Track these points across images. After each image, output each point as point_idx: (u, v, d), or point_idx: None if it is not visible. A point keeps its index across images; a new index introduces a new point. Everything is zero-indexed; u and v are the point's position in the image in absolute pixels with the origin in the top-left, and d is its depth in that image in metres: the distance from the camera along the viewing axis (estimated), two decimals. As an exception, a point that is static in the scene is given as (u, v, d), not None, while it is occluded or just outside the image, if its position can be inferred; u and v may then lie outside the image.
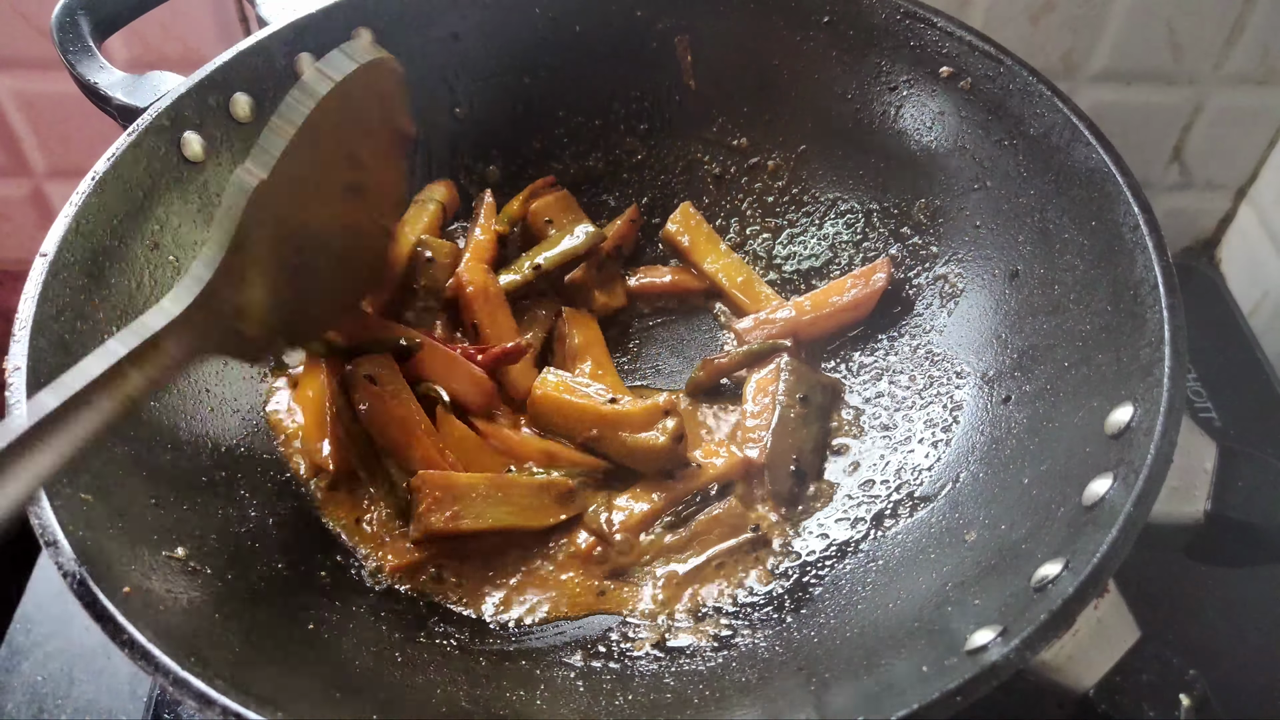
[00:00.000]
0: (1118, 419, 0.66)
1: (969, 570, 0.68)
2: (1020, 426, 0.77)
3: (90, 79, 0.82)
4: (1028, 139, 0.82)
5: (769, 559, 0.80)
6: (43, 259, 0.71)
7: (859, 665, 0.65)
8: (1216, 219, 1.25)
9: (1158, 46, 1.07)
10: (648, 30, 0.98)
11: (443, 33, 0.95)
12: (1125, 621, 0.63)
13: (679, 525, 0.81)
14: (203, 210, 0.83)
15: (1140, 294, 0.69)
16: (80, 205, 0.74)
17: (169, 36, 1.11)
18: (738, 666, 0.71)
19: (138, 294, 0.77)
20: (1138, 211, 0.72)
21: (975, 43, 0.85)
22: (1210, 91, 1.11)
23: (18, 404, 0.64)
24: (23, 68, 1.13)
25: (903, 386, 0.89)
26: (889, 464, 0.84)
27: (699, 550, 0.80)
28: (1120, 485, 0.62)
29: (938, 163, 0.90)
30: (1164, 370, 0.64)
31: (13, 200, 1.26)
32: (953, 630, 0.62)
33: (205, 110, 0.83)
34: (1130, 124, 1.14)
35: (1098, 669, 0.61)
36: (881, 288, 0.91)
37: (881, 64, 0.91)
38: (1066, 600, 0.57)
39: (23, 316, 0.68)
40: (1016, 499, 0.72)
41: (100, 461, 0.67)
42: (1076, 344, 0.75)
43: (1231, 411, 1.07)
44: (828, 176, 0.98)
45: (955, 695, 0.55)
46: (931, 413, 0.85)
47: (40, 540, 0.60)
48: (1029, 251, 0.82)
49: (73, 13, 0.83)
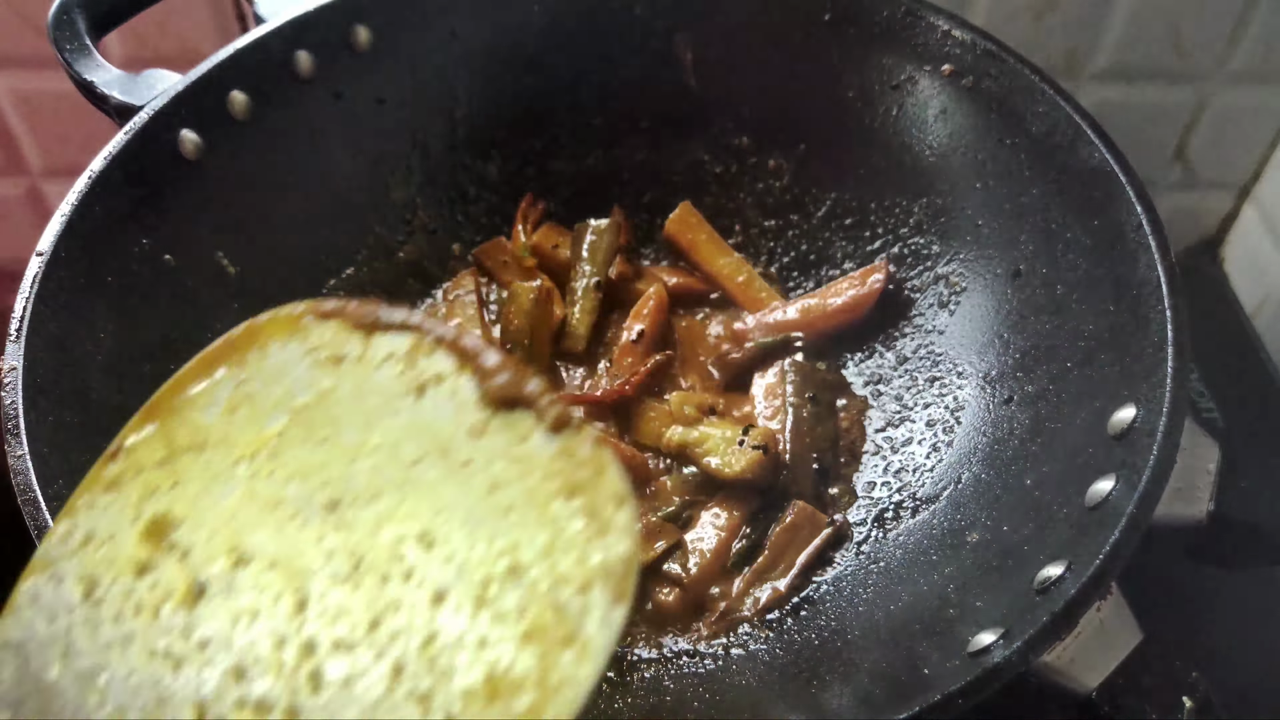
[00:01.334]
0: (1120, 420, 0.66)
1: (971, 572, 0.68)
2: (1022, 427, 0.76)
3: (87, 77, 0.82)
4: (1030, 137, 0.81)
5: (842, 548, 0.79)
6: (39, 258, 0.71)
7: (860, 668, 0.65)
8: (1220, 218, 1.24)
9: (1161, 45, 1.07)
10: (648, 29, 0.98)
11: (441, 31, 0.95)
12: (1128, 623, 0.62)
13: (757, 547, 0.79)
14: (200, 209, 0.83)
15: (1143, 294, 0.69)
16: (76, 204, 0.74)
17: (166, 34, 1.10)
18: (738, 669, 0.71)
19: (134, 293, 0.77)
20: (1140, 211, 0.71)
21: (977, 41, 0.84)
22: (1214, 90, 1.11)
23: (14, 404, 0.64)
24: (19, 66, 1.13)
25: (904, 387, 0.88)
26: (890, 465, 0.84)
27: (790, 562, 0.78)
28: (1123, 486, 0.62)
29: (939, 161, 0.90)
30: (1167, 371, 0.64)
31: (9, 199, 1.26)
32: (955, 632, 0.62)
33: (202, 108, 0.83)
34: (1133, 122, 1.13)
35: (1100, 671, 0.61)
36: (879, 289, 0.90)
37: (883, 62, 0.91)
38: (1069, 602, 0.56)
39: (19, 316, 0.68)
40: (1019, 500, 0.71)
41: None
42: (1079, 344, 0.74)
43: (1235, 412, 1.07)
44: (828, 176, 0.98)
45: (957, 697, 0.54)
46: (933, 413, 0.85)
47: (37, 540, 0.59)
48: (1031, 251, 0.82)
49: (69, 10, 0.83)
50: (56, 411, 0.67)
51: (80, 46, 0.83)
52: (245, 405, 0.35)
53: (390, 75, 0.93)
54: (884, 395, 0.89)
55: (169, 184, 0.81)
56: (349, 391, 0.34)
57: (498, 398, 0.33)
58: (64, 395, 0.68)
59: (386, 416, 0.34)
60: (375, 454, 0.33)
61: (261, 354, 0.36)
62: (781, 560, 0.78)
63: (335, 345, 0.36)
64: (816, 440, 0.84)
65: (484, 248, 0.99)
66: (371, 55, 0.92)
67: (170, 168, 0.81)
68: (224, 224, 0.85)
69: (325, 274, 0.93)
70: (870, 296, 0.91)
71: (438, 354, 0.35)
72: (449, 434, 0.33)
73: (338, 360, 0.35)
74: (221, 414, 0.35)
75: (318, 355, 0.35)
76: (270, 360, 0.36)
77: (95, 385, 0.71)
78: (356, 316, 0.36)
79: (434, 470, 0.32)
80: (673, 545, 0.78)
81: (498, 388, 0.33)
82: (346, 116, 0.92)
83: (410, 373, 0.34)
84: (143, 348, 0.76)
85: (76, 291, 0.72)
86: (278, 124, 0.87)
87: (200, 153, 0.83)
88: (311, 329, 0.36)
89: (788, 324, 0.92)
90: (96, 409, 0.70)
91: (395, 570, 0.30)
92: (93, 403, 0.70)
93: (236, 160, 0.85)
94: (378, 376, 0.35)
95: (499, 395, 0.33)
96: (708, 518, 0.81)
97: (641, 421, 0.86)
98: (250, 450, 0.34)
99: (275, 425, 0.34)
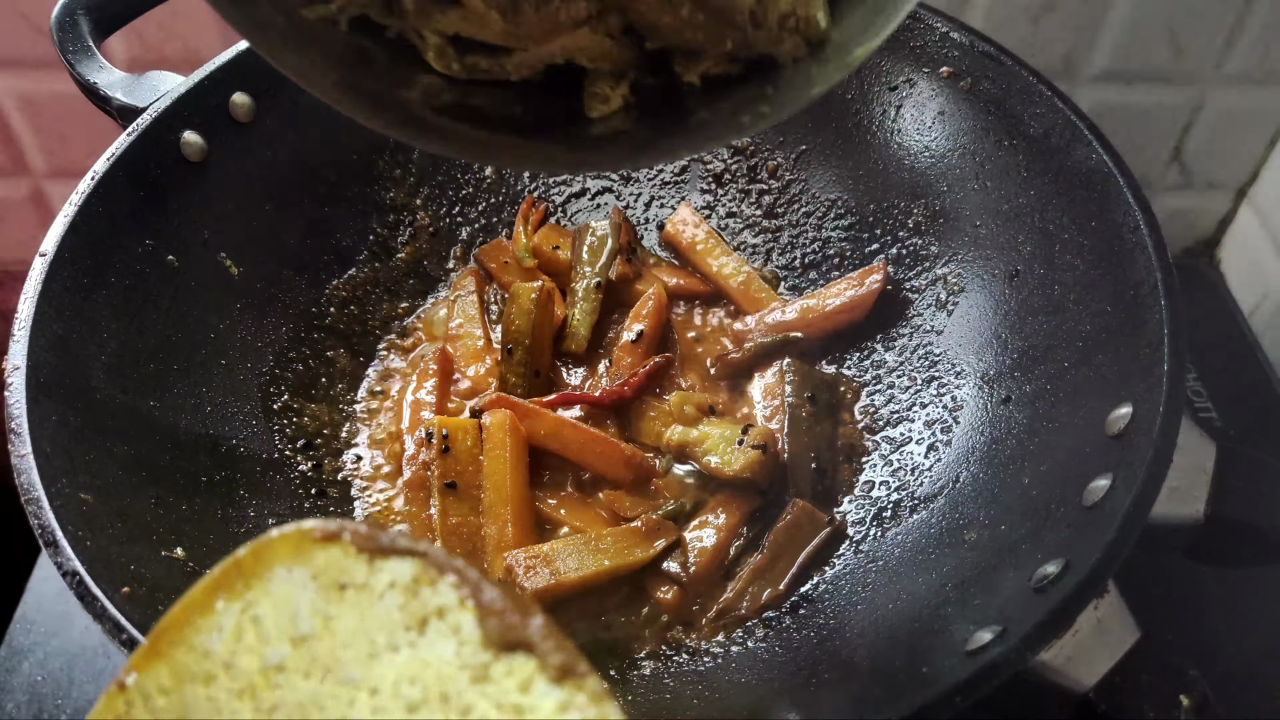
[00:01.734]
0: (1117, 419, 0.66)
1: (969, 570, 0.68)
2: (1020, 427, 0.77)
3: (90, 79, 0.82)
4: (1028, 139, 0.82)
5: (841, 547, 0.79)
6: (42, 259, 0.71)
7: (859, 666, 0.65)
8: (1217, 219, 1.25)
9: (1158, 46, 1.07)
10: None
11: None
12: (1125, 622, 0.63)
13: (756, 546, 0.79)
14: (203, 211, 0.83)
15: (1140, 294, 0.69)
16: (80, 205, 0.74)
17: (169, 36, 1.11)
18: (737, 667, 0.71)
19: (137, 294, 0.77)
20: (1138, 212, 0.72)
21: (975, 43, 0.85)
22: (1211, 91, 1.11)
23: (17, 403, 0.64)
24: (22, 67, 1.13)
25: (902, 388, 0.88)
26: (888, 464, 0.84)
27: (789, 561, 0.78)
28: (1120, 485, 0.62)
29: (937, 163, 0.90)
30: (1163, 370, 0.64)
31: (12, 200, 1.26)
32: (952, 630, 0.62)
33: (205, 110, 0.83)
34: (1130, 124, 1.13)
35: (1098, 669, 0.61)
36: (878, 289, 0.90)
37: (881, 63, 0.91)
38: (1066, 600, 0.57)
39: (22, 316, 0.68)
40: (1016, 499, 0.71)
41: (100, 461, 0.67)
42: (1076, 344, 0.75)
43: (1231, 412, 1.07)
44: (828, 176, 0.98)
45: (955, 695, 0.55)
46: (931, 413, 0.85)
47: (40, 540, 0.60)
48: (1029, 252, 0.82)
49: (72, 12, 0.83)
50: (59, 411, 0.67)
51: (83, 48, 0.83)
52: (251, 630, 0.35)
53: (391, 77, 0.93)
54: (882, 395, 0.89)
55: (172, 185, 0.81)
56: (352, 623, 0.34)
57: (499, 639, 0.32)
58: (67, 395, 0.68)
59: (387, 652, 0.33)
60: (376, 696, 0.33)
61: (267, 579, 0.36)
62: (780, 559, 0.78)
63: (339, 571, 0.35)
64: (815, 440, 0.85)
65: (485, 249, 1.00)
66: (373, 57, 0.92)
67: (173, 169, 0.81)
68: (226, 225, 0.85)
69: (327, 275, 0.93)
70: (869, 297, 0.91)
71: (441, 584, 0.34)
72: (450, 676, 0.32)
73: (341, 588, 0.35)
74: (227, 639, 0.35)
75: (322, 581, 0.35)
76: (275, 585, 0.35)
77: (98, 385, 0.71)
78: (361, 540, 0.35)
79: (435, 715, 0.32)
80: (672, 544, 0.78)
81: (498, 628, 0.32)
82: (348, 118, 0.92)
83: (413, 604, 0.33)
84: (145, 348, 0.76)
85: (79, 292, 0.72)
86: (280, 126, 0.88)
87: (203, 154, 0.83)
88: (316, 553, 0.36)
89: (787, 324, 0.92)
90: (99, 409, 0.70)
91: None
92: (96, 403, 0.70)
93: (239, 162, 0.86)
94: (380, 607, 0.34)
95: (500, 637, 0.32)
96: (707, 516, 0.81)
97: (642, 421, 0.87)
98: (251, 684, 0.34)
99: (277, 657, 0.34)
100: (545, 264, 0.97)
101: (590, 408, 0.87)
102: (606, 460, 0.83)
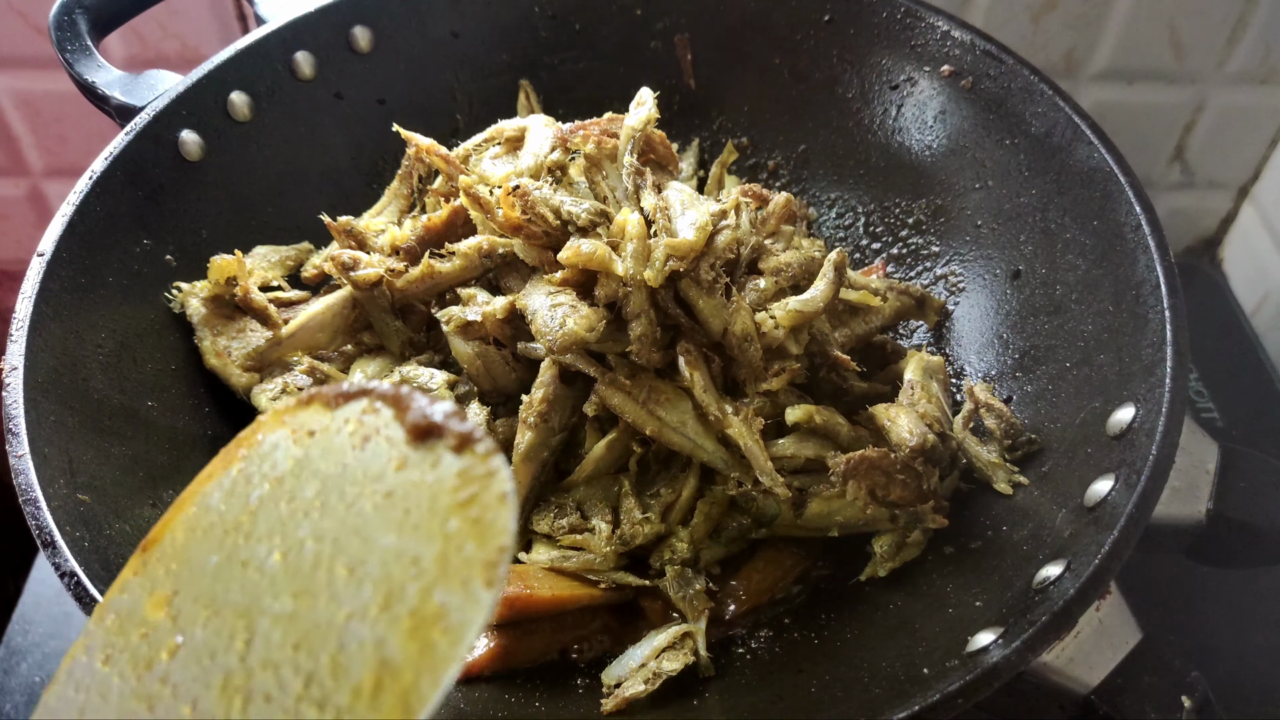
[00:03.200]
0: (1119, 419, 0.66)
1: (970, 571, 0.68)
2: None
3: (88, 78, 0.82)
4: (1029, 138, 0.82)
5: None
6: (40, 258, 0.71)
7: (860, 667, 0.65)
8: (1219, 218, 1.25)
9: (1160, 45, 1.07)
10: (648, 29, 0.98)
11: (442, 31, 0.95)
12: (1127, 623, 0.62)
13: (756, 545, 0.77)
14: (201, 210, 0.83)
15: (1142, 294, 0.69)
16: (78, 205, 0.74)
17: (167, 35, 1.11)
18: (738, 668, 0.71)
19: (134, 293, 0.77)
20: (1139, 211, 0.72)
21: (976, 41, 0.84)
22: (1212, 90, 1.11)
23: (15, 403, 0.64)
24: (20, 66, 1.13)
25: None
26: (890, 464, 0.84)
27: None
28: (1122, 486, 0.62)
29: (939, 162, 0.90)
30: (1166, 370, 0.64)
31: (10, 199, 1.26)
32: (954, 631, 0.62)
33: (203, 109, 0.83)
34: (1132, 123, 1.13)
35: (1099, 670, 0.61)
36: (878, 289, 0.90)
37: (882, 63, 0.91)
38: (1068, 601, 0.57)
39: (20, 316, 0.68)
40: (1018, 499, 0.71)
41: (99, 461, 0.67)
42: (1078, 344, 0.75)
43: (1233, 412, 1.07)
44: (828, 176, 0.98)
45: (956, 697, 0.54)
46: (932, 413, 0.85)
47: (38, 541, 0.60)
48: (1030, 251, 0.82)
49: (70, 11, 0.83)
50: (58, 411, 0.67)
51: (81, 47, 0.83)
52: (242, 481, 0.43)
53: (390, 75, 0.93)
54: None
55: (170, 184, 0.81)
56: (316, 456, 0.42)
57: (414, 430, 0.39)
58: (65, 395, 0.68)
59: (336, 468, 0.41)
60: (324, 499, 0.40)
61: (257, 444, 0.44)
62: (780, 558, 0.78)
63: (309, 423, 0.43)
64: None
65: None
66: (371, 56, 0.92)
67: (171, 168, 0.81)
68: (225, 224, 0.85)
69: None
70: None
71: (382, 408, 0.41)
72: (379, 472, 0.39)
73: (310, 433, 0.42)
74: (225, 494, 0.43)
75: (297, 434, 0.43)
76: (263, 447, 0.44)
77: (96, 385, 0.71)
78: (326, 398, 0.43)
79: (368, 504, 0.39)
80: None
81: (412, 421, 0.39)
82: (346, 116, 0.92)
83: (360, 430, 0.41)
84: (144, 348, 0.76)
85: (78, 291, 0.72)
86: (278, 124, 0.88)
87: (201, 153, 0.83)
88: (295, 415, 0.43)
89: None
90: (97, 409, 0.70)
91: (326, 587, 0.37)
92: (94, 403, 0.70)
93: (237, 161, 0.85)
94: (337, 440, 0.41)
95: (415, 427, 0.39)
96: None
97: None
98: (238, 521, 0.42)
99: (258, 496, 0.42)
100: None
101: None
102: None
